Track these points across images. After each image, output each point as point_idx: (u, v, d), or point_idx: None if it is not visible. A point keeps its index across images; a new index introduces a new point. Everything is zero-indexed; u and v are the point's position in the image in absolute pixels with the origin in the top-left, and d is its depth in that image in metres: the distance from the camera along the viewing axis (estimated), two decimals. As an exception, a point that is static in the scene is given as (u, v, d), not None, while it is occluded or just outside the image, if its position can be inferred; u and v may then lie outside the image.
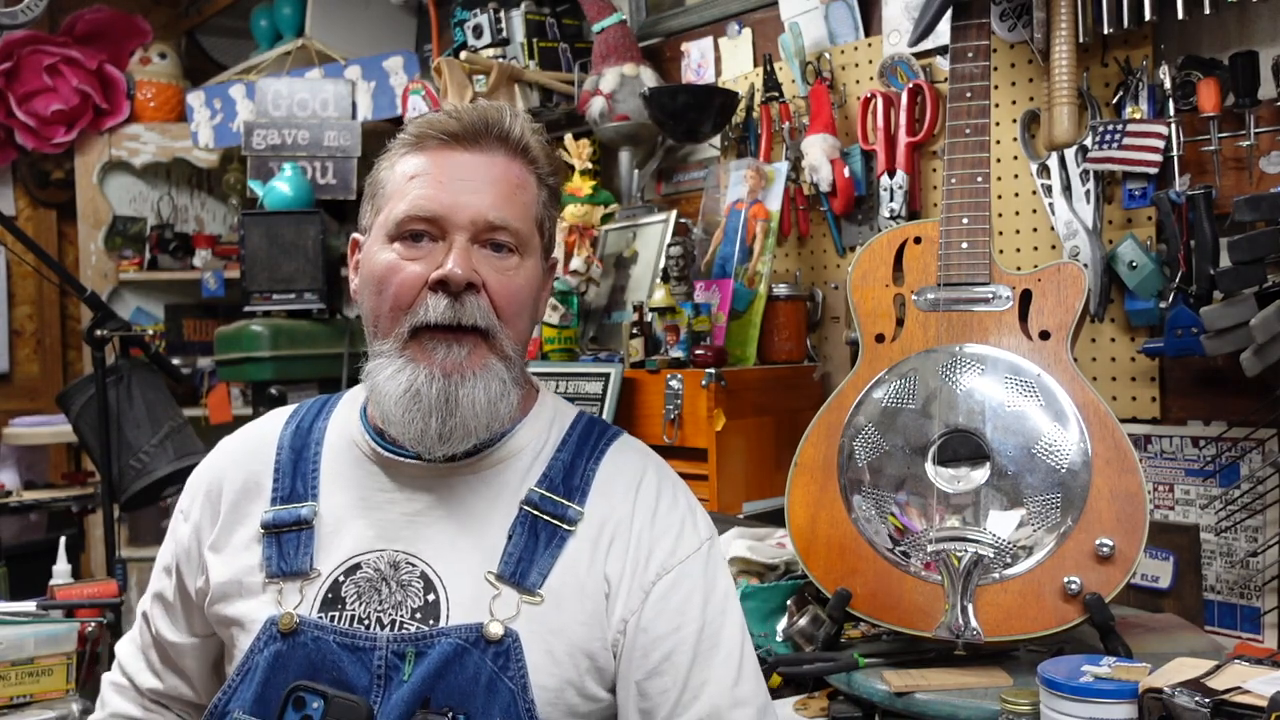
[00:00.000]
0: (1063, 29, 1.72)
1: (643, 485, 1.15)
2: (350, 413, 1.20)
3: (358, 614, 1.06)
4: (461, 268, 1.06)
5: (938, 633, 1.42)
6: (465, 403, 1.06)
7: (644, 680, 1.08)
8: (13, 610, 1.60)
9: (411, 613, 1.06)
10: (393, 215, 1.09)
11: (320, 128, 3.42)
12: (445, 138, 1.10)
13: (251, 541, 1.14)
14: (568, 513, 1.11)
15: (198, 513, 1.20)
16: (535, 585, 1.07)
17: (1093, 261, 1.78)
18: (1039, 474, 1.43)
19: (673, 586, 1.10)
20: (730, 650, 1.10)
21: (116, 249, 3.84)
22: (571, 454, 1.15)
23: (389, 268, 1.09)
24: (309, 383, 3.07)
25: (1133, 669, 1.19)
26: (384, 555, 1.09)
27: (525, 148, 1.13)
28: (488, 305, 1.08)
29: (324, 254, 3.09)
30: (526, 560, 1.08)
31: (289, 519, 1.13)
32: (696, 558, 1.12)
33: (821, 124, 2.20)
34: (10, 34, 3.52)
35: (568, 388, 2.20)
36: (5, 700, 1.46)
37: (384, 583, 1.08)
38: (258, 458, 1.19)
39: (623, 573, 1.09)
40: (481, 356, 1.08)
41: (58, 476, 3.70)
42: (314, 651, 1.05)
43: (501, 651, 1.03)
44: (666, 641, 1.08)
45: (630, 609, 1.09)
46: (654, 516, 1.13)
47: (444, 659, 1.03)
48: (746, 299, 2.18)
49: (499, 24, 2.72)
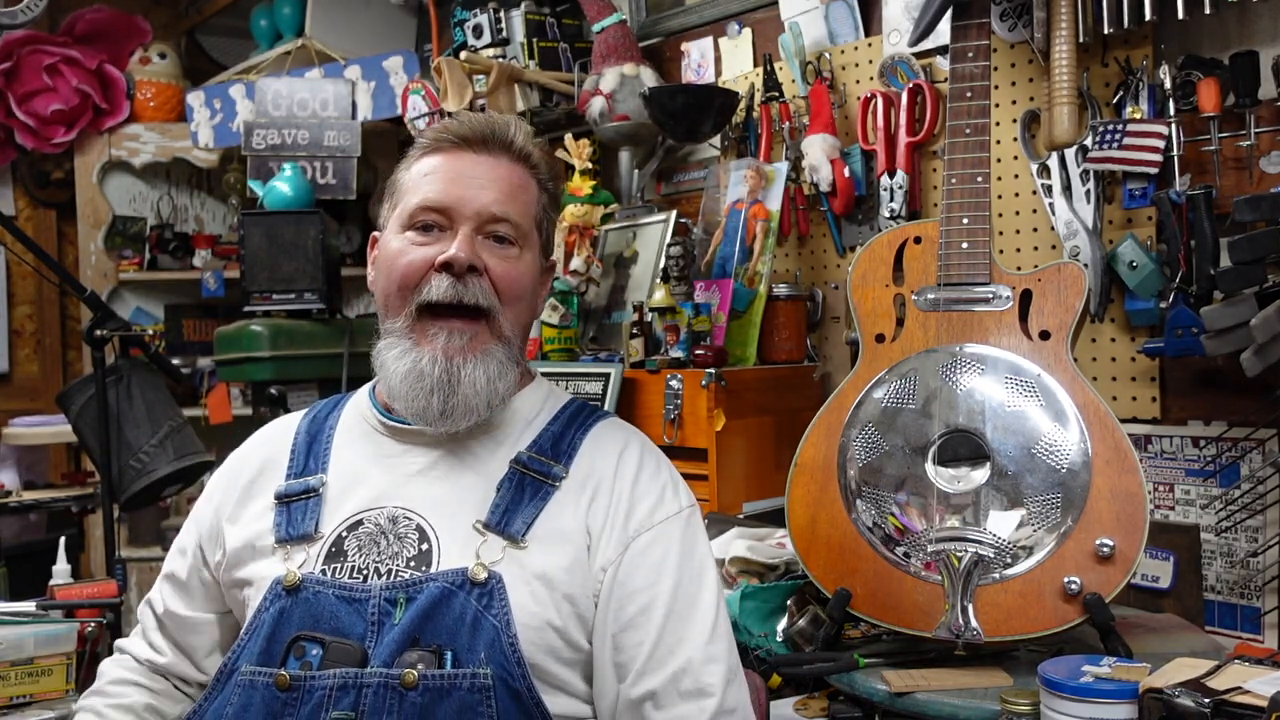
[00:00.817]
0: (1063, 29, 1.72)
1: (626, 451, 1.23)
2: (360, 398, 1.32)
3: (357, 565, 1.14)
4: (465, 252, 1.16)
5: (938, 633, 1.42)
6: (466, 382, 1.16)
7: (619, 633, 1.13)
8: (13, 610, 1.59)
9: (406, 561, 1.14)
10: (407, 207, 1.21)
11: (320, 128, 3.42)
12: (457, 140, 1.22)
13: (265, 511, 1.23)
14: (553, 470, 1.19)
15: (219, 494, 1.30)
16: (519, 533, 1.14)
17: (1093, 261, 1.78)
18: (1039, 474, 1.43)
19: (651, 543, 1.16)
20: (706, 611, 1.15)
21: (116, 249, 3.83)
22: (562, 426, 1.24)
23: (400, 251, 1.20)
24: (309, 383, 3.07)
25: (1133, 669, 1.19)
26: (384, 511, 1.18)
27: (527, 155, 1.25)
28: (489, 287, 1.18)
29: (324, 254, 3.09)
30: (512, 510, 1.16)
31: (299, 489, 1.22)
32: (676, 520, 1.19)
33: (821, 124, 2.20)
34: (10, 34, 3.52)
35: (568, 388, 2.20)
36: (5, 700, 1.46)
37: (383, 535, 1.16)
38: (276, 443, 1.30)
39: (604, 525, 1.16)
40: (482, 341, 1.19)
41: (58, 476, 3.70)
42: (315, 605, 1.12)
43: (485, 592, 1.10)
44: (642, 595, 1.13)
45: (609, 559, 1.15)
46: (636, 479, 1.20)
47: (431, 601, 1.09)
48: (746, 299, 2.18)
49: (499, 24, 2.72)
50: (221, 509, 1.28)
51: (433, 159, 1.22)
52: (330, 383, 3.05)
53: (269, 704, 1.08)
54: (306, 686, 1.07)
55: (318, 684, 1.06)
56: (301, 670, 1.08)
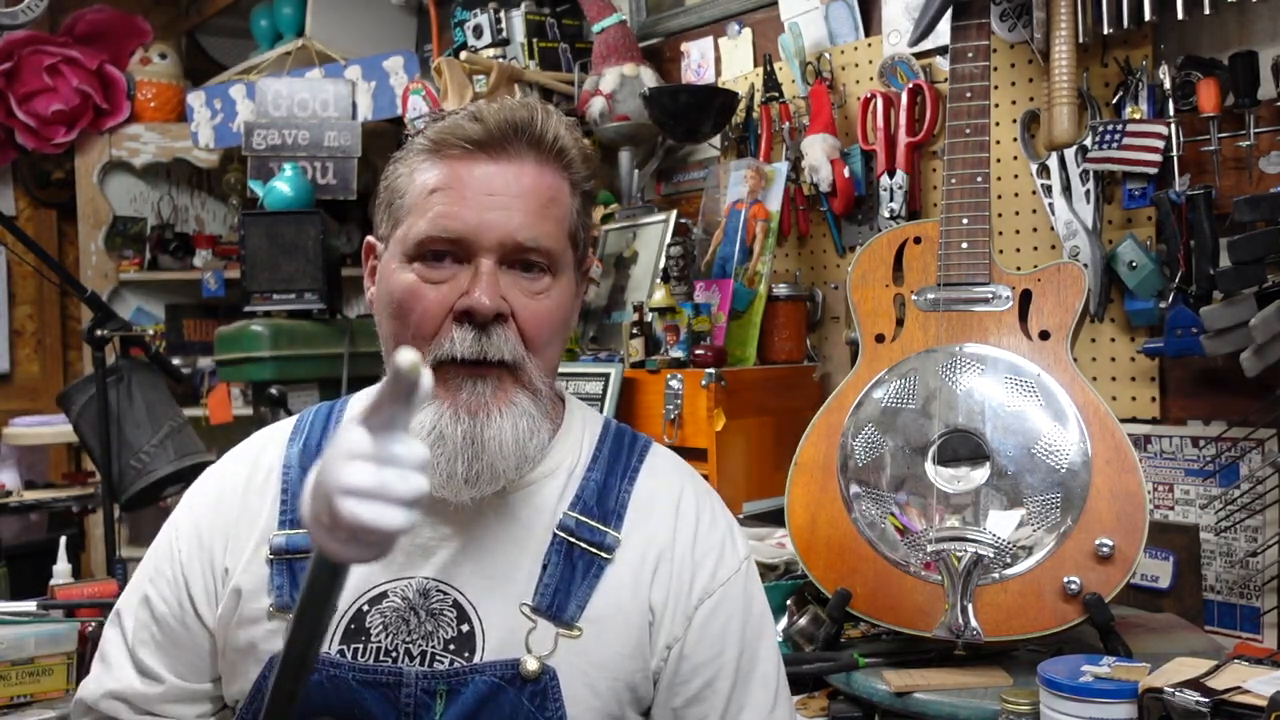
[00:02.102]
0: (1063, 29, 1.72)
1: (682, 505, 1.10)
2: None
3: (385, 646, 0.99)
4: (489, 297, 0.98)
5: (938, 633, 1.42)
6: (492, 445, 0.99)
7: (683, 707, 1.06)
8: (13, 610, 1.60)
9: (444, 644, 1.00)
10: (412, 234, 1.01)
11: (320, 128, 3.42)
12: (469, 146, 1.00)
13: (256, 561, 1.05)
14: (605, 539, 1.05)
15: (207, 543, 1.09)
16: (573, 618, 1.01)
17: (1093, 261, 1.78)
18: (1039, 474, 1.43)
19: (714, 610, 1.07)
20: (767, 672, 1.10)
21: (116, 249, 3.83)
22: (604, 473, 1.09)
23: (409, 292, 1.00)
24: (309, 383, 3.07)
25: (1133, 669, 1.19)
26: (412, 583, 1.02)
27: (560, 150, 1.03)
28: (515, 336, 1.00)
29: (324, 254, 3.09)
30: (564, 591, 1.02)
31: (302, 544, 1.03)
32: (737, 579, 1.10)
33: (821, 124, 2.20)
34: (10, 34, 3.52)
35: (568, 388, 2.19)
36: (5, 700, 1.46)
37: (413, 612, 1.01)
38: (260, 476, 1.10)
39: (666, 599, 1.05)
40: (507, 392, 1.01)
41: (58, 476, 3.70)
42: (331, 691, 0.98)
43: (539, 691, 0.98)
44: (708, 669, 1.06)
45: (674, 635, 1.05)
46: (695, 539, 1.08)
47: (478, 698, 0.97)
48: (746, 299, 2.18)
49: (499, 24, 2.72)
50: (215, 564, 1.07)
51: (439, 169, 1.01)
52: (330, 383, 3.06)
53: None
54: None
55: None
56: None
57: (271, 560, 1.04)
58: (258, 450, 1.13)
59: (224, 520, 1.09)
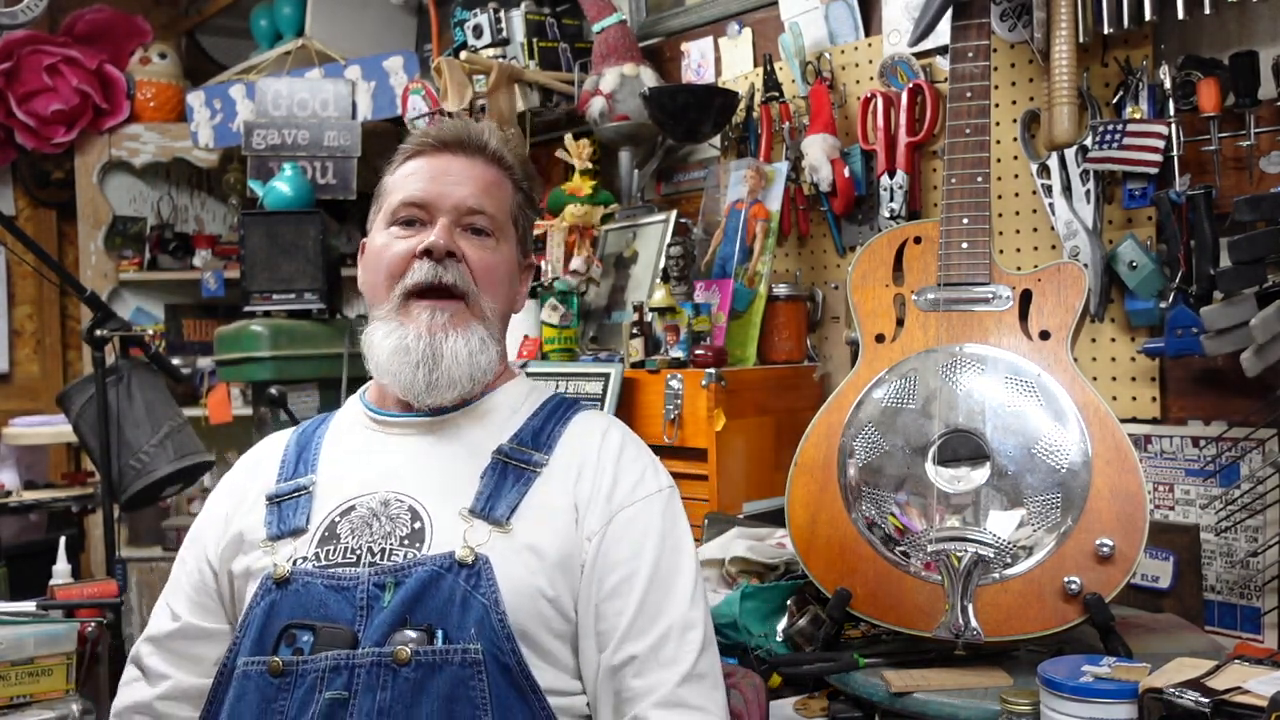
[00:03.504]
0: (1063, 29, 1.72)
1: (608, 434, 1.28)
2: (350, 405, 1.38)
3: (350, 546, 1.18)
4: (443, 239, 1.24)
5: (938, 633, 1.42)
6: (449, 355, 1.23)
7: (602, 602, 1.17)
8: (13, 610, 1.59)
9: (400, 540, 1.18)
10: (390, 205, 1.30)
11: (320, 128, 3.42)
12: (436, 144, 1.31)
13: (259, 510, 1.27)
14: (534, 458, 1.24)
15: (220, 508, 1.33)
16: (504, 517, 1.18)
17: (1093, 261, 1.78)
18: (1039, 474, 1.43)
19: (634, 518, 1.21)
20: (686, 582, 1.20)
21: (116, 249, 3.83)
22: (541, 421, 1.30)
23: (385, 245, 1.28)
24: (309, 383, 3.07)
25: (1133, 669, 1.19)
26: (376, 495, 1.22)
27: (500, 157, 1.33)
28: (467, 272, 1.26)
29: (324, 254, 3.09)
30: (496, 497, 1.20)
31: (288, 489, 1.27)
32: (657, 498, 1.24)
33: (821, 124, 2.20)
34: (10, 34, 3.52)
35: (568, 388, 2.20)
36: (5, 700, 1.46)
37: (375, 518, 1.20)
38: (267, 456, 1.35)
39: (591, 497, 1.21)
40: (463, 318, 1.25)
41: (58, 476, 3.70)
42: (304, 595, 1.15)
43: (473, 573, 1.13)
44: (625, 566, 1.18)
45: (593, 530, 1.20)
46: (619, 459, 1.25)
47: (420, 583, 1.13)
48: (746, 299, 2.18)
49: (499, 24, 2.72)
50: (225, 522, 1.30)
51: (414, 162, 1.31)
52: (330, 383, 3.06)
53: (263, 690, 1.11)
54: (299, 671, 1.10)
55: (310, 668, 1.09)
56: (294, 656, 1.11)
57: (266, 504, 1.27)
58: (272, 440, 1.41)
59: (235, 485, 1.35)
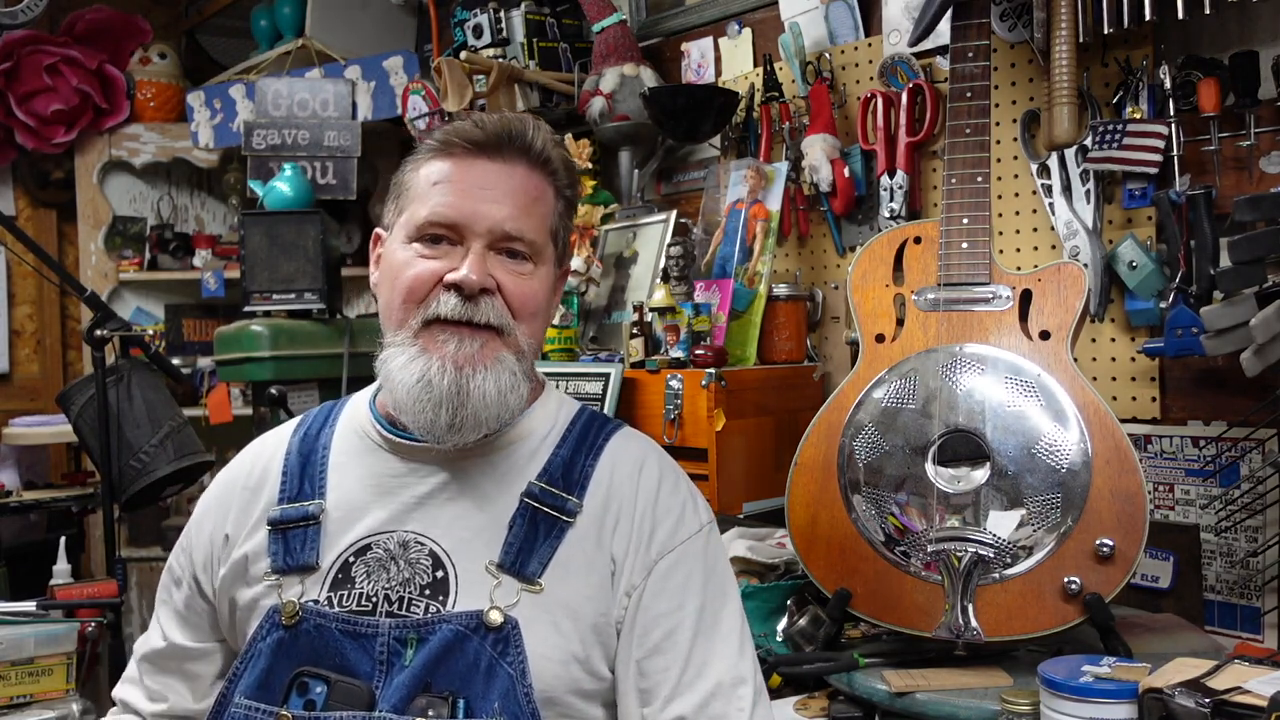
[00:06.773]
0: (1063, 29, 1.72)
1: (644, 471, 1.17)
2: (357, 409, 1.24)
3: (365, 592, 1.09)
4: (476, 273, 1.10)
5: (938, 633, 1.42)
6: (476, 395, 1.09)
7: (644, 659, 1.09)
8: (13, 610, 1.60)
9: (420, 589, 1.09)
10: (414, 218, 1.13)
11: (320, 128, 3.42)
12: (470, 146, 1.14)
13: (261, 534, 1.17)
14: (567, 504, 1.13)
15: (211, 521, 1.23)
16: (535, 574, 1.09)
17: (1093, 261, 1.78)
18: (1039, 474, 1.43)
19: (674, 566, 1.12)
20: (730, 629, 1.13)
21: (116, 249, 3.83)
22: (571, 450, 1.18)
23: (406, 263, 1.13)
24: (309, 383, 3.06)
25: (1133, 669, 1.19)
26: (394, 536, 1.12)
27: (546, 159, 1.17)
28: (502, 306, 1.12)
29: (324, 254, 3.08)
30: (527, 551, 1.10)
31: (295, 515, 1.16)
32: (697, 539, 1.15)
33: (821, 124, 2.20)
34: (10, 34, 3.52)
35: (568, 388, 2.20)
36: (5, 700, 1.46)
37: (393, 561, 1.10)
38: (265, 462, 1.23)
39: (627, 550, 1.12)
40: (494, 350, 1.12)
41: (58, 476, 3.69)
42: (317, 639, 1.07)
43: (501, 638, 1.05)
44: (668, 620, 1.10)
45: (633, 584, 1.11)
46: (656, 499, 1.15)
47: (445, 644, 1.05)
48: (746, 299, 2.18)
49: (499, 24, 2.72)
50: (215, 536, 1.21)
51: (442, 164, 1.14)
52: (330, 383, 3.05)
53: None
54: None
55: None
56: (305, 710, 1.04)
57: (269, 530, 1.16)
58: (269, 440, 1.28)
59: (231, 495, 1.23)
